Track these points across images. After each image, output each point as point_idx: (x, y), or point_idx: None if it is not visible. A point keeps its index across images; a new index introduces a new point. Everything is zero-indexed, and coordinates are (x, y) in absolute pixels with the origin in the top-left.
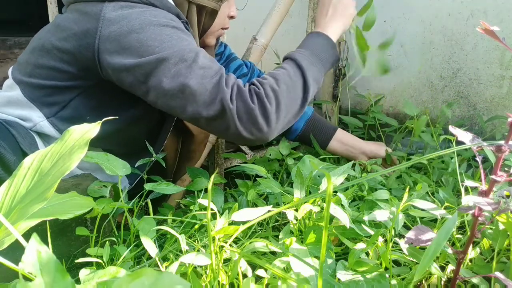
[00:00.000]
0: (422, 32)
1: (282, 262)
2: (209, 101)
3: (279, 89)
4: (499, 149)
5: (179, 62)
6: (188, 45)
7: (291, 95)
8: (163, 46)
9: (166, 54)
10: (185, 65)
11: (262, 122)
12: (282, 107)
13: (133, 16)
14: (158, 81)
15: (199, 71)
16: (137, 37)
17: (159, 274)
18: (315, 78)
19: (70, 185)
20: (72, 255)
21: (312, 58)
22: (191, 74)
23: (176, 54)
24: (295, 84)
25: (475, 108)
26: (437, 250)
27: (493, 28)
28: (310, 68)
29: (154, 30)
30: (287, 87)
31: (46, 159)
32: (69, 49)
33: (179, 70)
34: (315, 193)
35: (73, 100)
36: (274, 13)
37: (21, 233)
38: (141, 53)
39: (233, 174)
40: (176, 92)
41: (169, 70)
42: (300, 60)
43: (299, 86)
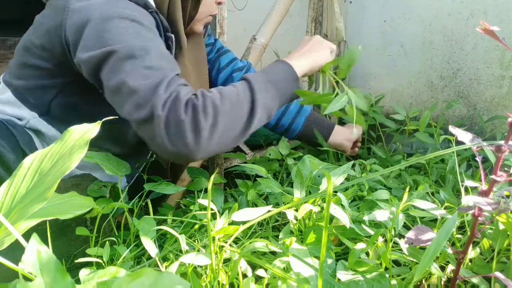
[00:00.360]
0: (422, 32)
1: (282, 262)
2: (141, 104)
3: (221, 106)
4: (499, 149)
5: (127, 58)
6: (144, 42)
7: (233, 115)
8: (116, 39)
9: (116, 47)
10: (131, 62)
11: (190, 137)
12: (220, 126)
13: (94, 7)
14: (105, 75)
15: (144, 71)
16: (94, 29)
17: (159, 274)
18: (266, 105)
19: (70, 185)
20: (72, 255)
21: (268, 85)
22: (134, 72)
23: (126, 49)
24: (241, 106)
25: (475, 108)
26: (437, 250)
27: (493, 28)
28: (262, 94)
29: (111, 22)
30: (231, 106)
31: (46, 159)
32: (44, 45)
33: (124, 66)
34: (315, 193)
35: (55, 98)
36: (273, 13)
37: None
38: (94, 45)
39: (233, 174)
40: (116, 89)
41: (115, 64)
42: (254, 83)
43: (245, 109)
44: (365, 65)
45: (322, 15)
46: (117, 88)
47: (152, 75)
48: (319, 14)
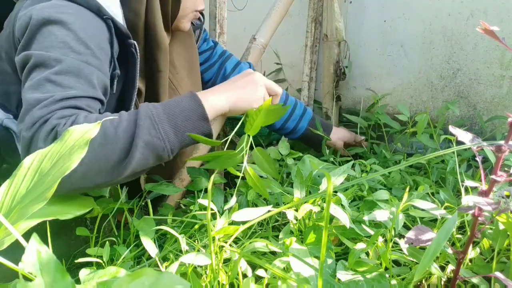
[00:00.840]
0: (422, 32)
1: (282, 262)
2: (22, 116)
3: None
4: (499, 149)
5: (37, 66)
6: (64, 54)
7: (104, 150)
8: (41, 46)
9: (33, 53)
10: (39, 71)
11: None
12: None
13: (36, 8)
14: (22, 80)
15: (45, 83)
16: (30, 30)
17: (159, 274)
18: (150, 144)
19: None
20: (72, 255)
21: (160, 121)
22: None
23: (40, 57)
24: (116, 141)
25: (475, 108)
26: (437, 250)
27: (493, 28)
28: (148, 130)
29: (48, 27)
30: (104, 139)
31: (46, 159)
32: (7, 50)
33: (32, 74)
34: (315, 193)
35: (19, 106)
36: (273, 13)
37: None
38: (26, 47)
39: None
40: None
41: (28, 71)
42: (142, 117)
43: (121, 145)
44: (365, 65)
45: (322, 15)
46: (22, 95)
47: (47, 90)
48: (319, 14)
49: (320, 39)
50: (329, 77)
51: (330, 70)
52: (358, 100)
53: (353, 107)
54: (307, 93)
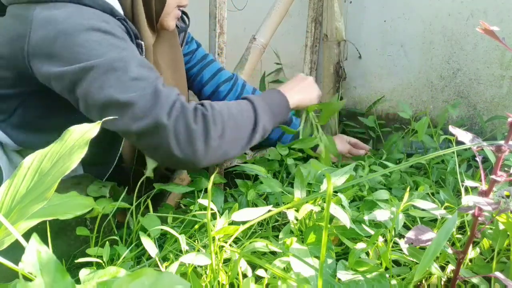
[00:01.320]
0: (422, 32)
1: (282, 262)
2: (140, 115)
3: (228, 121)
4: (499, 149)
5: (107, 72)
6: (120, 53)
7: (238, 130)
8: (91, 54)
9: (94, 63)
10: (114, 76)
11: (200, 145)
12: (226, 138)
13: (59, 20)
14: (86, 92)
15: (130, 83)
16: (64, 43)
17: (159, 274)
18: (264, 126)
19: (69, 185)
20: (72, 255)
21: (266, 108)
22: (120, 86)
23: (104, 63)
24: (245, 122)
25: (475, 108)
26: (437, 250)
27: (493, 28)
28: (262, 115)
29: (82, 35)
30: (235, 121)
31: (46, 159)
32: (4, 55)
33: (107, 81)
34: (315, 193)
35: (18, 108)
36: (273, 13)
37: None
38: (67, 60)
39: (233, 174)
40: (104, 105)
41: (96, 80)
42: (256, 104)
43: (249, 126)
44: (365, 65)
45: (322, 15)
46: (104, 104)
47: (140, 86)
48: (319, 14)
49: (320, 39)
50: (329, 77)
51: (330, 70)
52: (358, 100)
53: (353, 107)
54: None
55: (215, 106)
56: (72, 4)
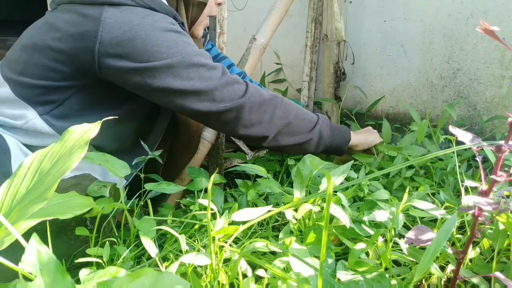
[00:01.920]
0: (422, 32)
1: (282, 262)
2: (219, 98)
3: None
4: (499, 149)
5: (188, 67)
6: (193, 49)
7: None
8: (171, 52)
9: (175, 60)
10: (194, 70)
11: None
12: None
13: (135, 22)
14: (168, 84)
15: (207, 73)
16: (142, 43)
17: (159, 274)
18: (321, 133)
19: (69, 185)
20: (72, 255)
21: (327, 123)
22: (201, 78)
23: (184, 60)
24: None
25: (475, 108)
26: (437, 250)
27: (493, 28)
28: (322, 125)
29: (158, 35)
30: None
31: (46, 159)
32: (64, 50)
33: (188, 74)
34: (315, 193)
35: (68, 99)
36: (273, 12)
37: (21, 233)
38: (148, 58)
39: (233, 174)
40: (187, 94)
41: (179, 74)
42: (320, 121)
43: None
44: (365, 65)
45: (322, 15)
46: (187, 93)
47: (216, 75)
48: (319, 14)
49: (320, 39)
50: (329, 77)
51: (330, 70)
52: (358, 100)
53: (353, 107)
54: (307, 93)
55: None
56: (142, 8)
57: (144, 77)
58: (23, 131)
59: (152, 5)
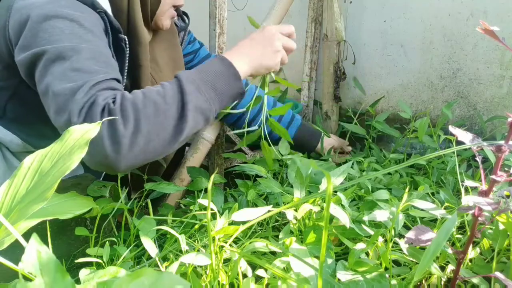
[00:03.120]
0: (422, 32)
1: (282, 262)
2: (61, 109)
3: (144, 109)
4: (499, 149)
5: (56, 59)
6: (78, 43)
7: (159, 119)
8: (49, 40)
9: (46, 48)
10: (59, 64)
11: (108, 146)
12: (143, 132)
13: (35, 5)
14: (37, 77)
15: (69, 73)
16: (32, 27)
17: (159, 274)
18: (199, 108)
19: (69, 185)
20: (72, 255)
21: (202, 85)
22: (60, 75)
23: (56, 50)
24: (168, 108)
25: (475, 108)
26: (437, 250)
27: (493, 28)
28: (194, 95)
29: (49, 22)
30: (156, 109)
31: (46, 159)
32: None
33: (51, 68)
34: (315, 193)
35: (9, 102)
36: (273, 12)
37: (21, 233)
38: (30, 45)
39: (233, 174)
40: (44, 92)
41: (45, 66)
42: (185, 83)
43: (173, 112)
44: (365, 65)
45: (322, 15)
46: (44, 91)
47: (76, 78)
48: (319, 14)
49: (320, 39)
50: (329, 77)
51: (330, 70)
52: (358, 100)
53: (353, 108)
54: (307, 93)
55: (127, 96)
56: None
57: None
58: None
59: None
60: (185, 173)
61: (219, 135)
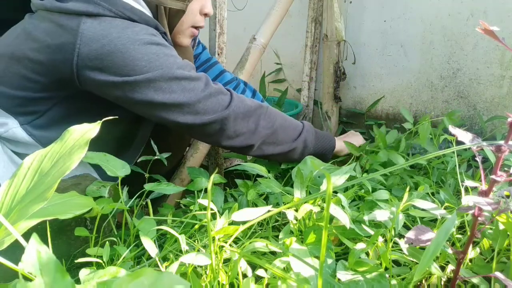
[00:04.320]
0: (422, 32)
1: (282, 262)
2: (202, 110)
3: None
4: (499, 149)
5: (169, 80)
6: (175, 62)
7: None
8: (151, 66)
9: (157, 73)
10: (176, 83)
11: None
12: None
13: (114, 35)
14: (150, 98)
15: (190, 85)
16: (122, 57)
17: (159, 274)
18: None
19: (69, 185)
20: (72, 255)
21: (312, 131)
22: (183, 90)
23: (166, 73)
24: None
25: (475, 108)
26: (436, 250)
27: (493, 28)
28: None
29: (139, 49)
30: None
31: (46, 159)
32: (42, 61)
33: (170, 87)
34: (315, 193)
35: (50, 110)
36: (273, 12)
37: (21, 233)
38: (128, 72)
39: (233, 174)
40: (169, 107)
41: (161, 88)
42: (305, 125)
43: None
44: (365, 65)
45: (322, 15)
46: (169, 106)
47: (199, 87)
48: (319, 14)
49: (320, 39)
50: (329, 77)
51: (330, 70)
52: (358, 100)
53: (353, 108)
54: (307, 93)
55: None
56: (121, 19)
57: (125, 91)
58: (5, 139)
59: (132, 16)
60: (185, 173)
61: None
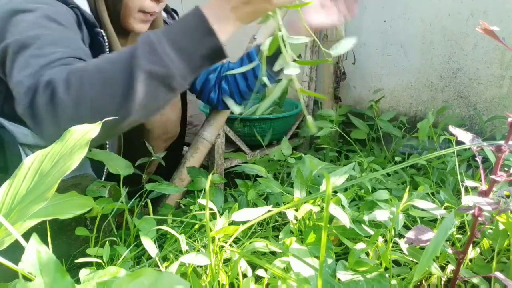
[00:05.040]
0: (422, 32)
1: (282, 262)
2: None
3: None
4: (499, 149)
5: (19, 50)
6: (41, 31)
7: (105, 88)
8: (14, 33)
9: (10, 41)
10: (22, 53)
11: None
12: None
13: (3, 1)
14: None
15: (30, 60)
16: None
17: (159, 274)
18: (153, 73)
19: (69, 185)
20: (72, 255)
21: (161, 46)
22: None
23: (18, 41)
24: (114, 74)
25: (475, 108)
26: (436, 250)
27: (493, 28)
28: (146, 58)
29: (18, 17)
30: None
31: (47, 159)
32: None
33: (16, 59)
34: (315, 193)
35: (5, 103)
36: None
37: (21, 233)
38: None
39: (233, 174)
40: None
41: (10, 60)
42: (140, 45)
43: (120, 79)
44: (365, 65)
45: None
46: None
47: (33, 64)
48: None
49: (320, 39)
50: (329, 77)
51: (330, 70)
52: (358, 100)
53: (353, 107)
54: None
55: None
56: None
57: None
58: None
59: None
60: (185, 173)
61: (218, 135)
